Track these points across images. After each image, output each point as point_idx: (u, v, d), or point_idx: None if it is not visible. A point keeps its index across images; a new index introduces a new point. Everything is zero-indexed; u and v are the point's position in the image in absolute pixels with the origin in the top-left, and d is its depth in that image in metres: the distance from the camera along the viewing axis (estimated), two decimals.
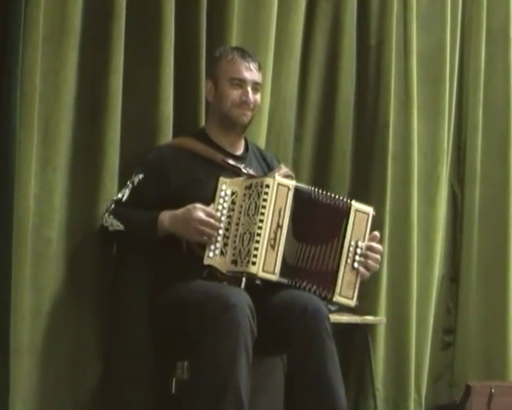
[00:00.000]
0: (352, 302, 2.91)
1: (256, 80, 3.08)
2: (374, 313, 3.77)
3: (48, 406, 2.92)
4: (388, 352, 3.86)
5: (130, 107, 3.10)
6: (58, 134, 2.94)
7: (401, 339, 3.87)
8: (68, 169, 2.98)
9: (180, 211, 2.87)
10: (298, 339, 2.76)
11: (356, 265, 2.89)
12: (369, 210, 2.93)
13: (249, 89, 3.04)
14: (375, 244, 2.94)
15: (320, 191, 2.90)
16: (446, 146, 4.08)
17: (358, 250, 2.90)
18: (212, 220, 2.83)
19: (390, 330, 3.85)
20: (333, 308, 3.47)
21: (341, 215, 2.89)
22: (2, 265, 2.76)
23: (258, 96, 3.09)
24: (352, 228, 2.89)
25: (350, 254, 2.89)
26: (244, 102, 3.04)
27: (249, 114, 3.06)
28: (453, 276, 4.21)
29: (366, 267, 2.92)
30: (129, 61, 3.09)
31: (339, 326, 3.24)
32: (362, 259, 2.90)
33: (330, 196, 2.90)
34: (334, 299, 2.87)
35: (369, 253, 2.92)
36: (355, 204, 2.91)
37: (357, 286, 2.90)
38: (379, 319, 3.77)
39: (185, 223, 2.84)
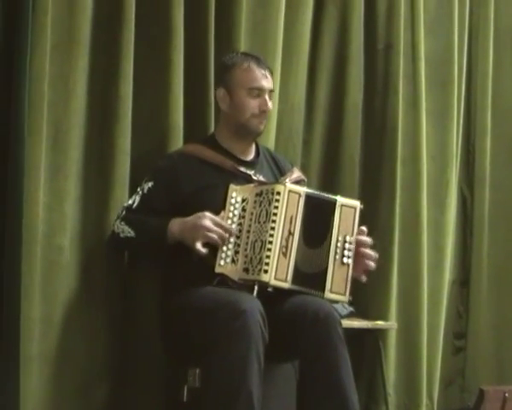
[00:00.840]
0: (345, 298, 2.87)
1: (271, 88, 3.07)
2: (384, 318, 3.75)
3: None
4: (399, 357, 3.84)
5: (140, 113, 3.09)
6: (68, 141, 2.94)
7: (412, 344, 3.85)
8: (78, 176, 2.98)
9: (190, 218, 2.85)
10: (310, 345, 2.74)
11: (345, 260, 2.86)
12: (356, 204, 2.90)
13: (267, 97, 3.02)
14: (362, 237, 2.90)
15: (317, 192, 2.89)
16: (455, 149, 4.06)
17: (347, 245, 2.86)
18: (220, 230, 2.82)
19: (401, 335, 3.83)
20: (343, 313, 3.47)
21: (329, 212, 2.86)
22: (11, 273, 2.74)
23: (271, 103, 3.06)
24: (339, 223, 2.86)
25: (338, 250, 2.85)
26: (263, 112, 3.02)
27: (265, 122, 3.06)
28: (463, 280, 4.19)
29: (363, 267, 2.88)
30: (138, 67, 3.08)
31: (350, 332, 3.22)
32: (351, 253, 2.87)
33: (321, 195, 2.88)
34: (325, 296, 2.83)
35: (362, 250, 2.89)
36: (340, 199, 2.88)
37: (349, 281, 2.86)
38: (390, 324, 3.76)
39: (193, 230, 2.83)
